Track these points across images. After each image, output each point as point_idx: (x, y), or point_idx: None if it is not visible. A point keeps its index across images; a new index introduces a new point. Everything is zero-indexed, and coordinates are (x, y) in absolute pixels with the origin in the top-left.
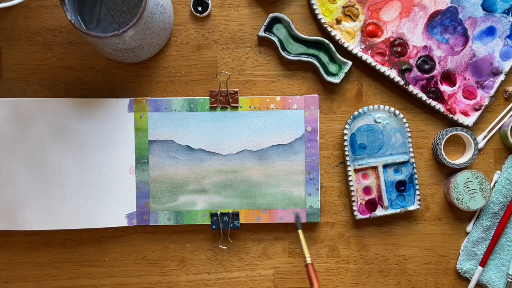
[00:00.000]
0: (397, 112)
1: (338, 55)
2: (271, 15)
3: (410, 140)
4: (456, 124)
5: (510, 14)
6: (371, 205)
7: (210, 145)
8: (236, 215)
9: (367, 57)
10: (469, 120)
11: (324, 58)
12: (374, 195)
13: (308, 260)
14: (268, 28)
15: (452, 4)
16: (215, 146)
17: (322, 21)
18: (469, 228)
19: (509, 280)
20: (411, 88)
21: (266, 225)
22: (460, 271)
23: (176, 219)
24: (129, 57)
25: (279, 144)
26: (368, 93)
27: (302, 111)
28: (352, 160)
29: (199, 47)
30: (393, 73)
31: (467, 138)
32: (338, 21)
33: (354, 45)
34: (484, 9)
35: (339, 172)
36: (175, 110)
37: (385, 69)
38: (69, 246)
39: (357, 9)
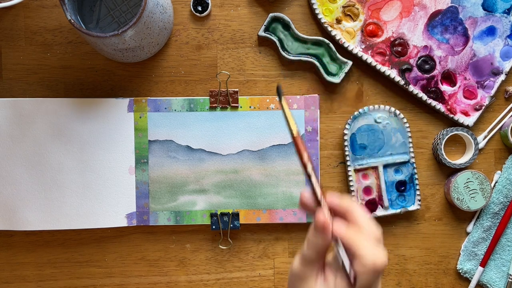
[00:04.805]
0: (397, 112)
1: (338, 55)
2: (271, 15)
3: (410, 140)
4: (456, 124)
5: (511, 14)
6: (372, 205)
7: (210, 145)
8: (236, 215)
9: (367, 57)
10: (469, 120)
11: (324, 58)
12: (374, 195)
13: (295, 132)
14: (268, 28)
15: (453, 4)
16: (215, 146)
17: (322, 21)
18: (469, 228)
19: (510, 280)
20: (411, 88)
21: (266, 225)
22: (460, 271)
23: (176, 219)
24: (129, 57)
25: (279, 144)
26: (369, 93)
27: (302, 111)
28: (352, 160)
29: (199, 47)
30: (393, 73)
31: (468, 138)
32: (338, 21)
33: (354, 45)
34: (484, 9)
35: (339, 172)
36: (175, 110)
37: (385, 69)
38: (69, 246)
39: (357, 8)
